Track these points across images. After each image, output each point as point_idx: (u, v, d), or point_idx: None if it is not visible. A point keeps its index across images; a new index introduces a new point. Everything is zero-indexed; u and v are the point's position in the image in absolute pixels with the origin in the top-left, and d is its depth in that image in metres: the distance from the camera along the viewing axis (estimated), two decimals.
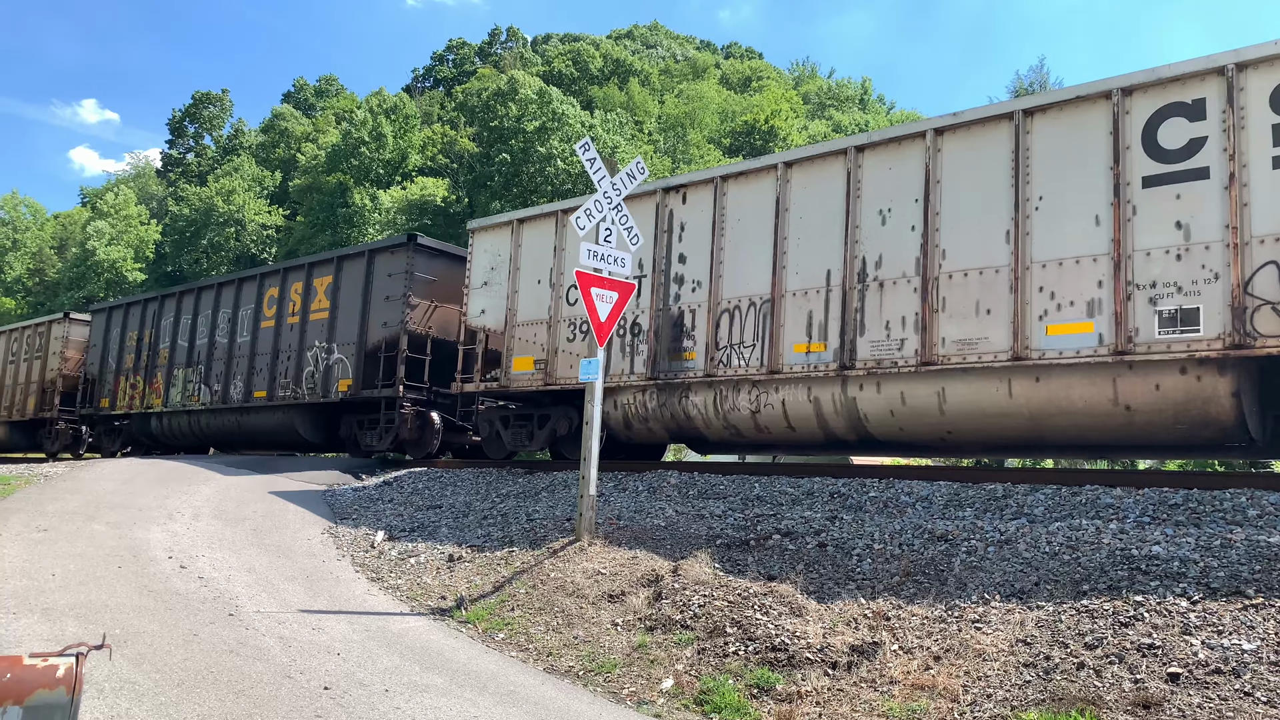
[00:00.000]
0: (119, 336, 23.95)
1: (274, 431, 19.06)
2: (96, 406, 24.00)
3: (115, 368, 23.79)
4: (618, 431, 13.06)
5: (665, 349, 12.37)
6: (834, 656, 6.35)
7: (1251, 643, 5.46)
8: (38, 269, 70.54)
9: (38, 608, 7.10)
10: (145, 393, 22.49)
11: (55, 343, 25.64)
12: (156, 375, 22.29)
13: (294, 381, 18.12)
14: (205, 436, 21.11)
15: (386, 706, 5.61)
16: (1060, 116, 9.43)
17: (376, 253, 17.64)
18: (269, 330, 19.15)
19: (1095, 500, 8.20)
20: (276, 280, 19.38)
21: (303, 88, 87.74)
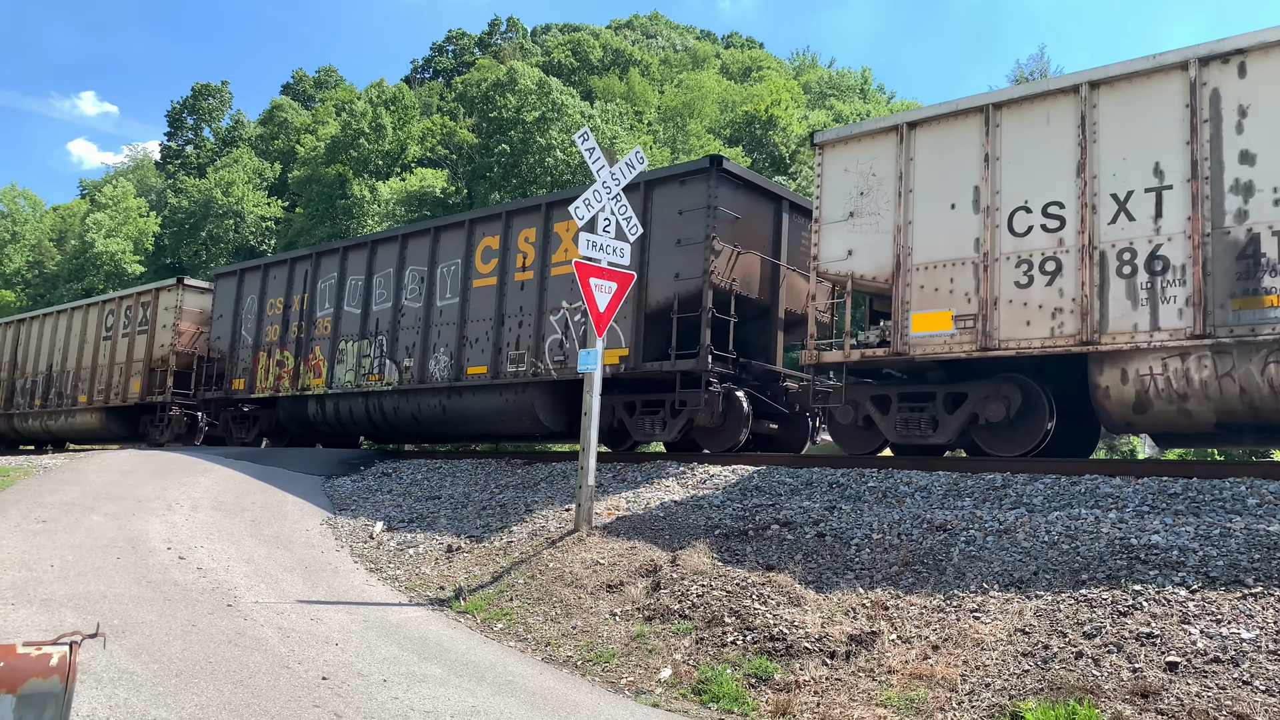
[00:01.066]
0: (255, 304, 19.60)
1: (498, 416, 14.91)
2: (227, 389, 19.97)
3: (252, 342, 19.50)
4: (1116, 418, 9.29)
5: (1223, 290, 8.56)
6: (832, 646, 6.35)
7: (1250, 631, 5.46)
8: (37, 261, 70.44)
9: (36, 598, 7.10)
10: (299, 372, 18.25)
11: (165, 314, 21.87)
12: (314, 350, 18.03)
13: (532, 353, 14.02)
14: (391, 424, 16.91)
15: (385, 696, 5.61)
16: None
17: (658, 184, 13.23)
18: (486, 290, 14.91)
19: (1094, 489, 8.20)
20: (495, 227, 15.07)
21: (302, 79, 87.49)
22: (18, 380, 26.88)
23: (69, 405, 24.31)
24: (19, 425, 26.67)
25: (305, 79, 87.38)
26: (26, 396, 26.37)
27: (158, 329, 21.99)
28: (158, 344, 21.90)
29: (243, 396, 19.58)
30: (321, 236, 50.81)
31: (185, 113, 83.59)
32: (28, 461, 16.94)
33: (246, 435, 19.91)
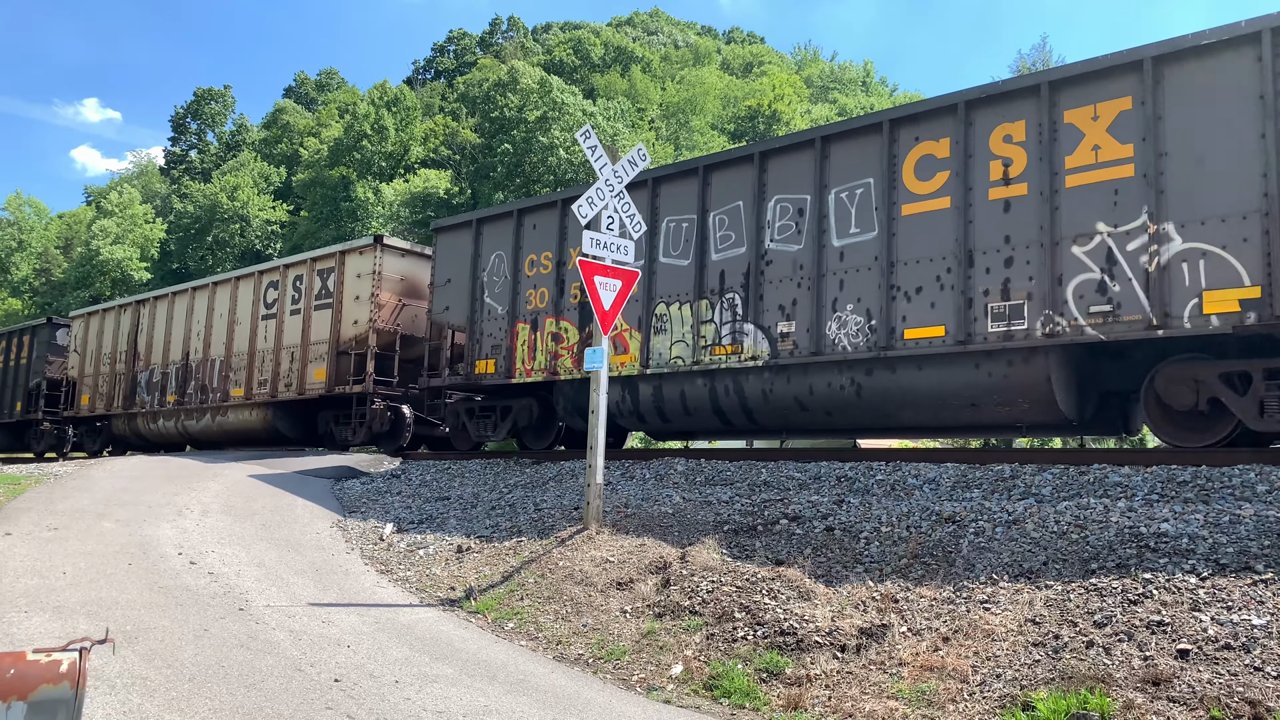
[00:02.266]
0: (506, 262, 14.70)
1: (969, 398, 10.24)
2: (468, 373, 15.04)
3: (505, 311, 14.61)
4: None
5: None
6: (843, 639, 6.35)
7: (1261, 618, 5.44)
8: (44, 269, 70.73)
9: (49, 605, 7.14)
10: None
11: (357, 282, 17.63)
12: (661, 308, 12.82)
13: (1042, 302, 9.52)
14: (758, 413, 12.02)
15: (397, 697, 5.63)
16: None
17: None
18: (930, 218, 10.43)
19: (1103, 479, 8.18)
20: (941, 127, 10.50)
21: (304, 82, 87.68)
22: (140, 374, 22.85)
23: (217, 401, 20.09)
24: (146, 427, 22.70)
25: (307, 82, 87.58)
26: (155, 392, 22.23)
27: (347, 302, 17.58)
28: (348, 320, 17.52)
29: (496, 383, 14.65)
30: (326, 239, 50.89)
31: (189, 118, 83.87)
32: (39, 469, 17.02)
33: (493, 432, 15.12)
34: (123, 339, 23.76)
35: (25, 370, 26.37)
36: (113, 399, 23.63)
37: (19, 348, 26.96)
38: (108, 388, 23.91)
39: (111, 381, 23.79)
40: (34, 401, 25.86)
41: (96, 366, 24.44)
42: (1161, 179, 8.82)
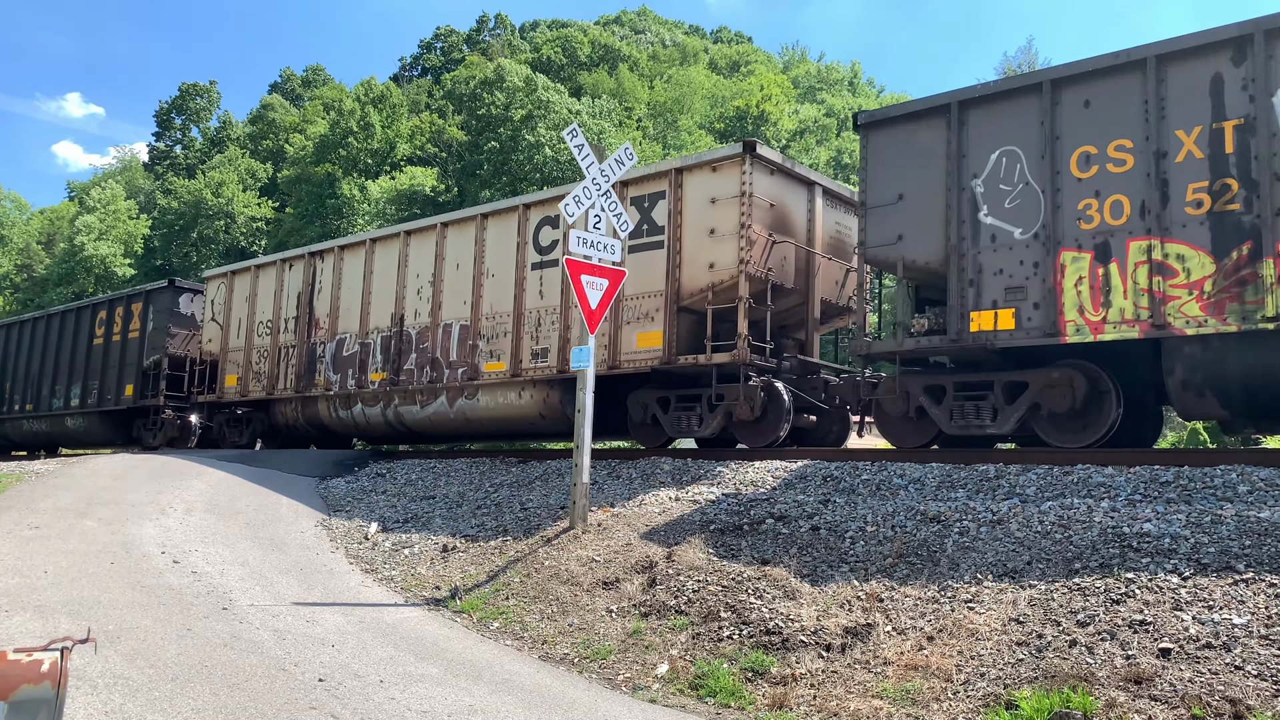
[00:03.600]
0: (1032, 157, 9.73)
1: None
2: (960, 331, 9.91)
3: (1043, 234, 9.56)
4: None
5: None
6: (828, 639, 6.37)
7: (1242, 617, 5.49)
8: (25, 265, 70.15)
9: (30, 605, 7.08)
10: None
11: (709, 211, 12.08)
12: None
13: None
14: None
15: (382, 697, 5.61)
16: None
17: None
18: None
19: (1087, 479, 8.23)
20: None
21: (290, 78, 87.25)
22: (321, 346, 17.49)
23: (459, 379, 14.73)
24: (330, 414, 17.33)
25: (293, 78, 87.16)
26: (345, 370, 16.84)
27: (692, 238, 12.32)
28: (695, 263, 12.22)
29: (1020, 344, 9.65)
30: (312, 236, 50.69)
31: (173, 113, 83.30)
32: (20, 467, 16.88)
33: (992, 420, 9.91)
34: (289, 302, 18.26)
35: (138, 346, 21.34)
36: (276, 379, 18.13)
37: (125, 319, 22.01)
38: (267, 365, 18.36)
39: (273, 357, 18.22)
40: (151, 384, 20.77)
41: (248, 339, 18.95)
42: None
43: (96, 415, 22.27)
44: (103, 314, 22.87)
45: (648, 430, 13.16)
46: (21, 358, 25.51)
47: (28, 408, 24.65)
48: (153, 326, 21.38)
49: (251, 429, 19.50)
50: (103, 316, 22.82)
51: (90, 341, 22.89)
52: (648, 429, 13.12)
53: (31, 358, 25.05)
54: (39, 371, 24.50)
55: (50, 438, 24.66)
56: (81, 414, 22.72)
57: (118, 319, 22.39)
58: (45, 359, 24.35)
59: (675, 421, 12.62)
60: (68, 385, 23.28)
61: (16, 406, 25.15)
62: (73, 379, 23.12)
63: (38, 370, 24.57)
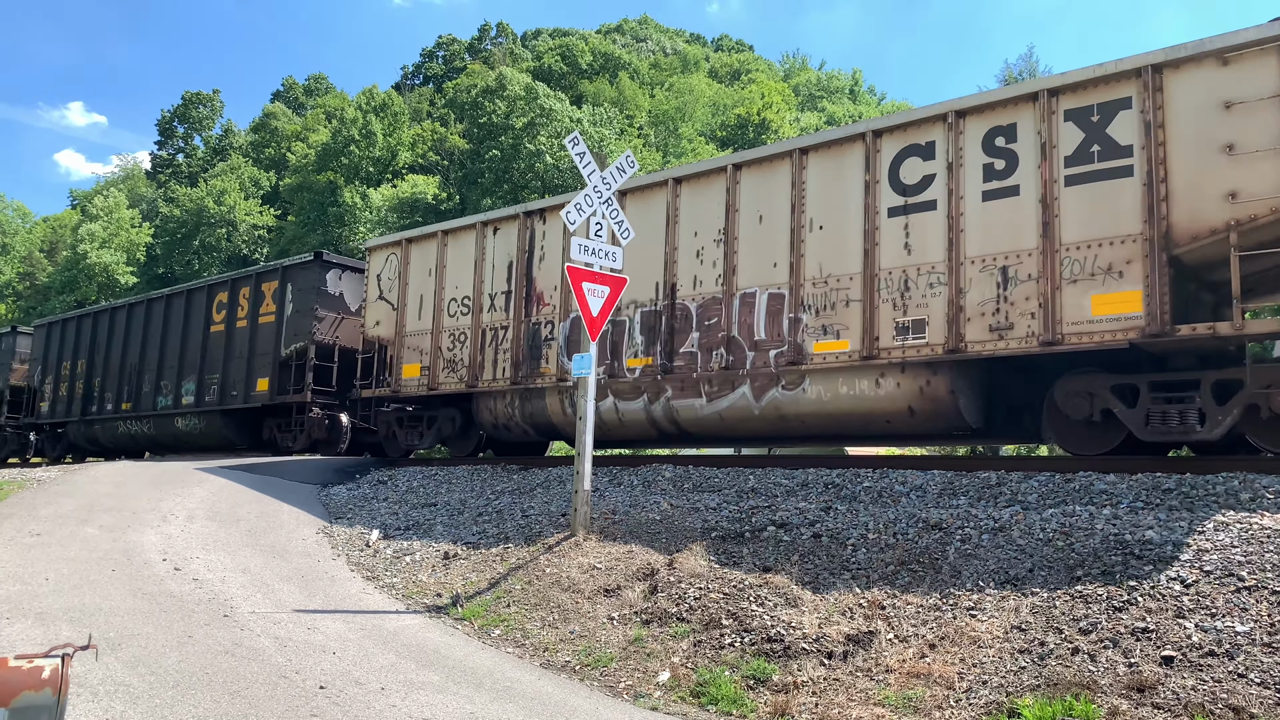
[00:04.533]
0: None
1: None
2: None
3: None
4: None
5: None
6: (830, 646, 6.36)
7: (1245, 625, 5.47)
8: (28, 273, 70.25)
9: (31, 612, 7.07)
10: None
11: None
12: None
13: None
14: None
15: (383, 704, 5.60)
16: None
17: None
18: None
19: (1089, 486, 8.22)
20: None
21: (292, 86, 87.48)
22: (542, 326, 13.88)
23: (775, 364, 11.35)
24: (560, 410, 13.74)
25: (296, 86, 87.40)
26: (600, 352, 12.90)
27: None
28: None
29: None
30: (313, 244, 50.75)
31: (176, 121, 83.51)
32: (21, 474, 16.88)
33: None
34: (494, 274, 14.62)
35: (273, 332, 18.27)
36: (480, 368, 14.46)
37: (254, 300, 18.92)
38: (466, 351, 14.68)
39: (475, 341, 14.59)
40: (294, 377, 17.90)
41: (436, 319, 15.27)
42: None
43: (217, 415, 19.13)
44: (222, 295, 19.75)
45: (1086, 433, 9.83)
46: (114, 349, 22.49)
47: (124, 407, 21.74)
48: (293, 309, 18.12)
49: (436, 429, 15.77)
50: (222, 299, 19.71)
51: (206, 328, 19.89)
52: (1089, 430, 9.79)
53: (128, 349, 22.00)
54: (138, 365, 21.52)
55: (154, 441, 21.60)
56: (197, 413, 19.66)
57: (243, 301, 19.27)
58: (147, 350, 21.34)
59: (1151, 418, 9.18)
60: (177, 380, 20.25)
61: (109, 405, 22.28)
62: (184, 373, 20.10)
63: (136, 363, 21.60)
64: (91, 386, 22.91)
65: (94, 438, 22.86)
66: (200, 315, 20.38)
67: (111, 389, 22.32)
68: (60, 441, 24.61)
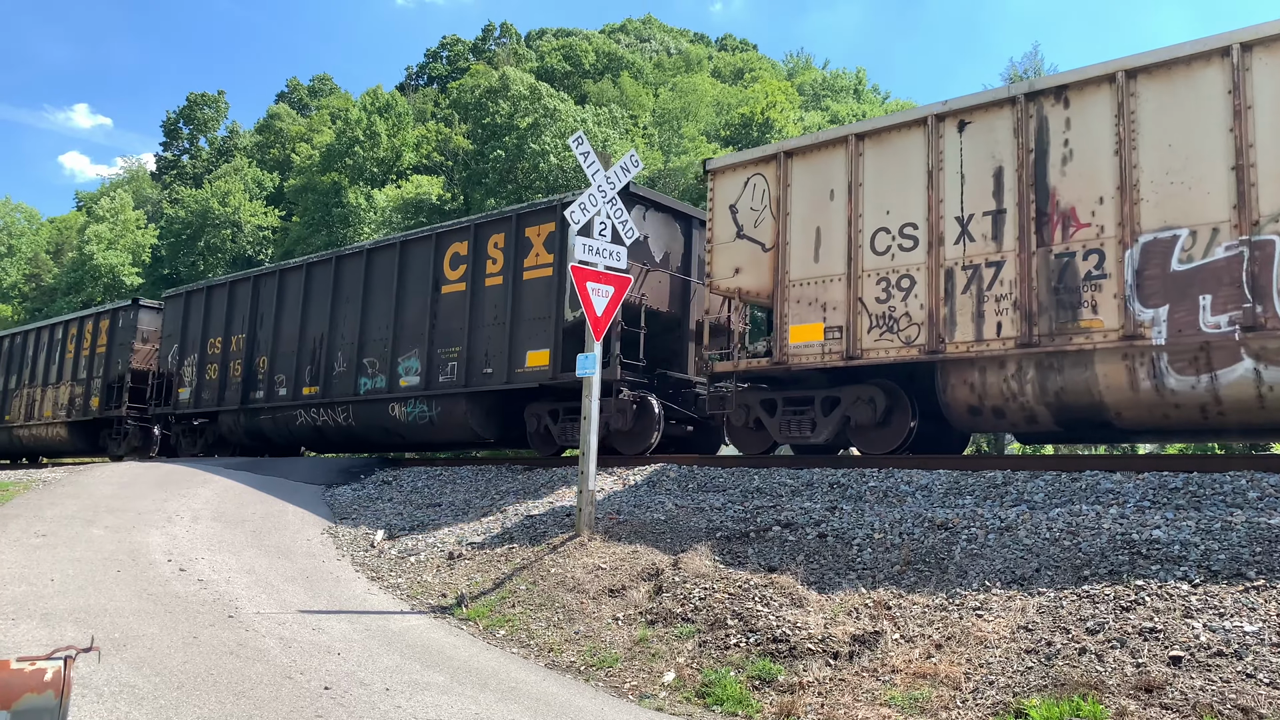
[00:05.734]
0: None
1: None
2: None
3: None
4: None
5: None
6: (835, 646, 6.34)
7: (1253, 624, 5.44)
8: (34, 274, 70.43)
9: (36, 613, 7.08)
10: None
11: None
12: None
13: None
14: None
15: (388, 705, 5.59)
16: None
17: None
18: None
19: (1095, 485, 8.19)
20: None
21: (296, 88, 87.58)
22: (1066, 257, 9.46)
23: None
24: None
25: (300, 88, 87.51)
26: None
27: None
28: None
29: None
30: (318, 245, 50.81)
31: (181, 123, 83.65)
32: (27, 475, 16.92)
33: None
34: (968, 190, 10.23)
35: (549, 292, 13.71)
36: (950, 325, 10.15)
37: (514, 250, 14.26)
38: (916, 303, 10.44)
39: (932, 287, 10.26)
40: (617, 350, 12.85)
41: (851, 261, 10.99)
42: None
43: (460, 399, 14.61)
44: (458, 247, 15.12)
45: None
46: (286, 321, 18.08)
47: (307, 391, 17.18)
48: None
49: (837, 416, 11.25)
50: (459, 250, 15.08)
51: (435, 289, 15.26)
52: None
53: (309, 320, 17.54)
54: (324, 339, 17.08)
55: (351, 434, 17.03)
56: (425, 398, 15.16)
57: (494, 251, 14.56)
58: (339, 320, 16.88)
59: None
60: (391, 357, 15.75)
61: (282, 390, 17.79)
62: (400, 347, 15.69)
63: (322, 337, 17.13)
64: (254, 368, 18.49)
65: (258, 430, 18.61)
66: (423, 272, 15.52)
67: (286, 370, 17.77)
68: (203, 435, 20.35)
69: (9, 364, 26.74)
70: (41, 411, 24.74)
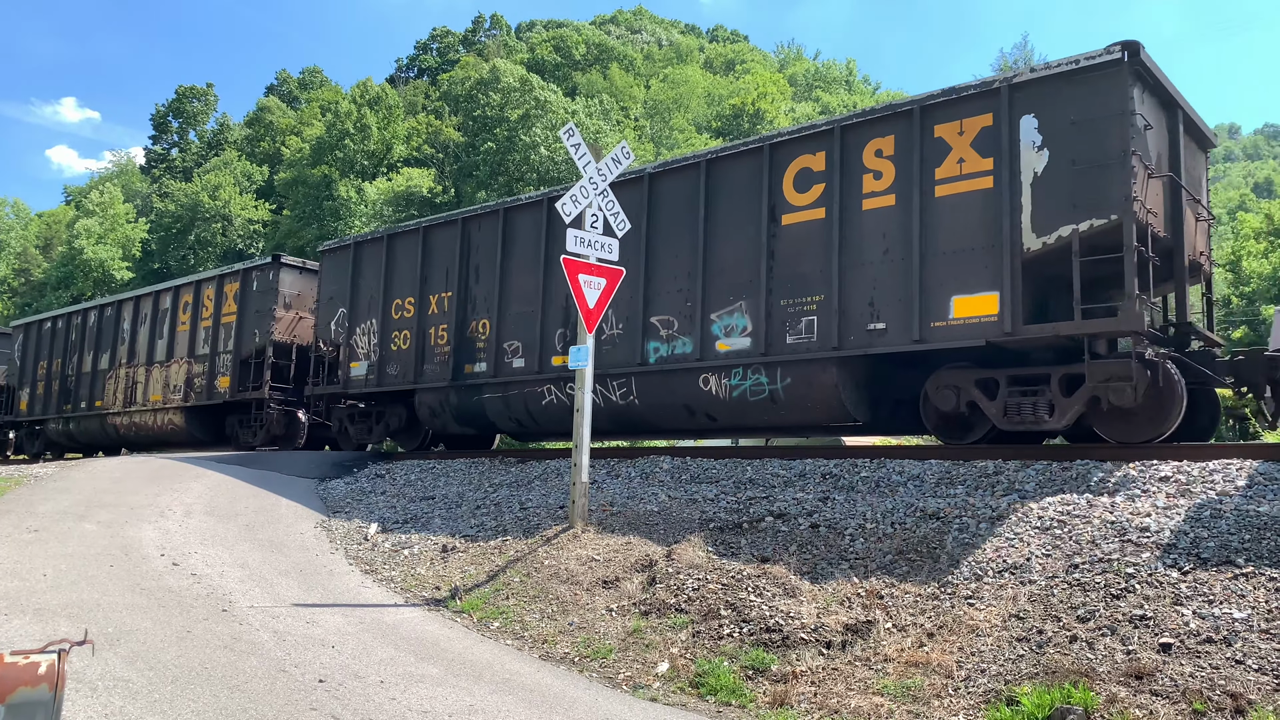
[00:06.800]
0: None
1: None
2: None
3: None
4: None
5: None
6: (828, 636, 6.37)
7: (1242, 611, 5.49)
8: (23, 269, 70.07)
9: (29, 608, 7.07)
10: None
11: None
12: None
13: None
14: None
15: (382, 698, 5.60)
16: None
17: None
18: None
19: (1085, 474, 8.22)
20: None
21: (286, 80, 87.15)
22: None
23: None
24: None
25: (290, 80, 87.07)
26: None
27: None
28: None
29: None
30: (309, 238, 50.65)
31: (170, 116, 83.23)
32: (19, 471, 16.87)
33: None
34: None
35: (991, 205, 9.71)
36: None
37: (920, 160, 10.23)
38: None
39: None
40: (1054, 292, 9.81)
41: None
42: None
43: (831, 367, 10.67)
44: (807, 161, 11.22)
45: None
46: (518, 271, 14.01)
47: (558, 361, 13.03)
48: (1056, 161, 9.37)
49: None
50: (810, 165, 11.18)
51: (772, 219, 11.36)
52: None
53: (555, 269, 12.95)
54: (647, 292, 12.43)
55: (625, 415, 12.69)
56: (766, 365, 11.20)
57: (874, 162, 10.68)
58: (657, 269, 12.38)
59: None
60: (698, 313, 11.77)
61: (518, 360, 13.69)
62: (713, 300, 11.78)
63: (640, 295, 12.39)
64: (469, 334, 14.58)
65: (476, 412, 14.57)
66: (748, 198, 11.71)
67: (522, 335, 13.84)
68: (382, 420, 16.39)
69: (98, 340, 22.81)
70: (147, 395, 20.76)
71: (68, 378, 23.81)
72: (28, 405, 25.47)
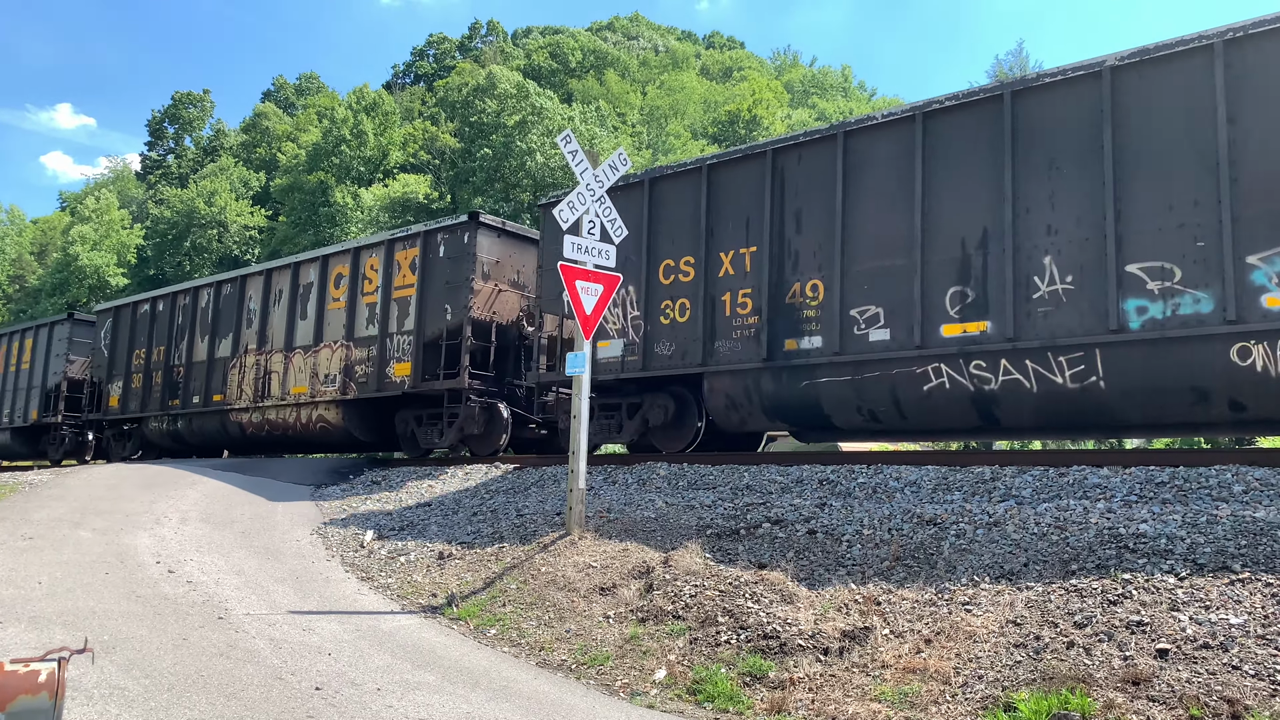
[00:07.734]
0: None
1: None
2: None
3: None
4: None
5: None
6: (825, 643, 6.37)
7: (1239, 617, 5.49)
8: (17, 276, 69.92)
9: (24, 616, 7.05)
10: None
11: None
12: None
13: None
14: None
15: (379, 705, 5.59)
16: None
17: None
18: None
19: (1082, 480, 8.24)
20: None
21: (283, 86, 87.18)
22: None
23: None
24: None
25: (286, 86, 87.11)
26: None
27: None
28: None
29: None
30: (305, 244, 50.58)
31: (166, 122, 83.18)
32: (14, 478, 16.82)
33: None
34: None
35: None
36: None
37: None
38: None
39: None
40: None
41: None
42: None
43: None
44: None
45: None
46: (864, 211, 10.86)
47: (949, 331, 10.09)
48: None
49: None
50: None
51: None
52: None
53: (937, 204, 10.24)
54: (992, 234, 9.83)
55: (1079, 404, 9.47)
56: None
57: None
58: (1031, 198, 9.55)
59: None
60: (1223, 257, 8.53)
61: (877, 332, 10.61)
62: (1246, 238, 8.48)
63: (984, 232, 9.88)
64: (784, 299, 11.57)
65: (790, 402, 11.48)
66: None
67: (879, 299, 10.69)
68: (639, 415, 13.16)
69: (215, 323, 19.61)
70: (286, 388, 17.57)
71: (173, 369, 20.31)
72: (119, 401, 21.77)
